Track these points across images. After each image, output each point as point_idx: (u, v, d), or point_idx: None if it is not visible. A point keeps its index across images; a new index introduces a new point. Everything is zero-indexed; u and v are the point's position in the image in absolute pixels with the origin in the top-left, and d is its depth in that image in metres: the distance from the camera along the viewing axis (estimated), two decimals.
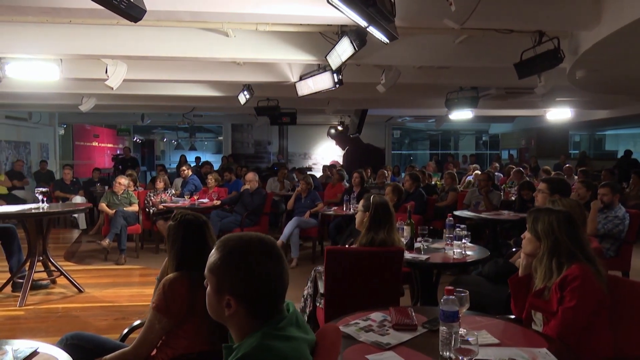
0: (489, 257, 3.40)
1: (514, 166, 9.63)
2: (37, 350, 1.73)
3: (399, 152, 18.97)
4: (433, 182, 8.78)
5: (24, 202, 8.28)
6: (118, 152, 14.77)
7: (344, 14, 2.92)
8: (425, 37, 5.12)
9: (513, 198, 6.73)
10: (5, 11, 3.66)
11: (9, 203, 7.46)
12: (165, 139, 19.85)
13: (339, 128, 13.30)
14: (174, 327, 1.93)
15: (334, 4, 2.80)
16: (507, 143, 17.05)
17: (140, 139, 17.46)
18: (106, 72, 5.48)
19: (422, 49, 5.21)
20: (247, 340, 1.20)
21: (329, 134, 14.80)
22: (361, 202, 3.12)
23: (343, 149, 15.06)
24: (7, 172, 9.86)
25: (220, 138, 16.08)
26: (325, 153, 15.12)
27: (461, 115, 9.10)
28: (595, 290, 1.95)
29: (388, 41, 3.46)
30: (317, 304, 3.19)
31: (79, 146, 13.98)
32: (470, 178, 9.21)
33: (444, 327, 1.68)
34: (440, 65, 5.96)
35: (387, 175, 9.46)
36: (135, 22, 3.16)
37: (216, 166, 12.27)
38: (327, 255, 2.83)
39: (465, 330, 1.92)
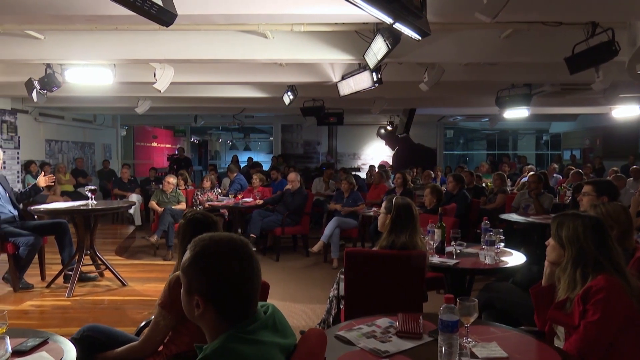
0: (524, 263, 3.21)
1: (572, 167, 9.03)
2: (48, 341, 1.83)
3: (452, 152, 18.37)
4: (484, 184, 8.43)
5: (87, 198, 8.82)
6: (176, 152, 15.45)
7: (365, 11, 2.84)
8: (468, 32, 4.93)
9: (567, 201, 6.31)
10: (54, 20, 3.92)
11: (73, 199, 7.95)
12: (220, 140, 20.47)
13: (388, 128, 13.12)
14: (178, 325, 1.97)
15: (355, 2, 2.74)
16: (570, 143, 15.98)
17: (197, 140, 18.14)
18: (154, 75, 5.74)
19: (466, 45, 5.01)
20: (213, 342, 1.19)
21: (378, 134, 14.65)
22: (383, 203, 3.04)
23: (393, 149, 14.84)
24: (72, 170, 10.56)
25: (272, 138, 16.35)
26: (375, 153, 14.95)
27: (515, 113, 8.69)
28: (623, 305, 1.76)
29: (420, 38, 3.33)
30: (341, 306, 3.14)
31: (139, 146, 14.75)
32: (525, 179, 8.76)
33: (442, 338, 1.59)
34: (487, 61, 5.71)
35: (433, 176, 9.19)
36: (167, 26, 3.25)
37: (267, 166, 12.47)
38: (346, 257, 2.78)
39: (473, 341, 1.82)
